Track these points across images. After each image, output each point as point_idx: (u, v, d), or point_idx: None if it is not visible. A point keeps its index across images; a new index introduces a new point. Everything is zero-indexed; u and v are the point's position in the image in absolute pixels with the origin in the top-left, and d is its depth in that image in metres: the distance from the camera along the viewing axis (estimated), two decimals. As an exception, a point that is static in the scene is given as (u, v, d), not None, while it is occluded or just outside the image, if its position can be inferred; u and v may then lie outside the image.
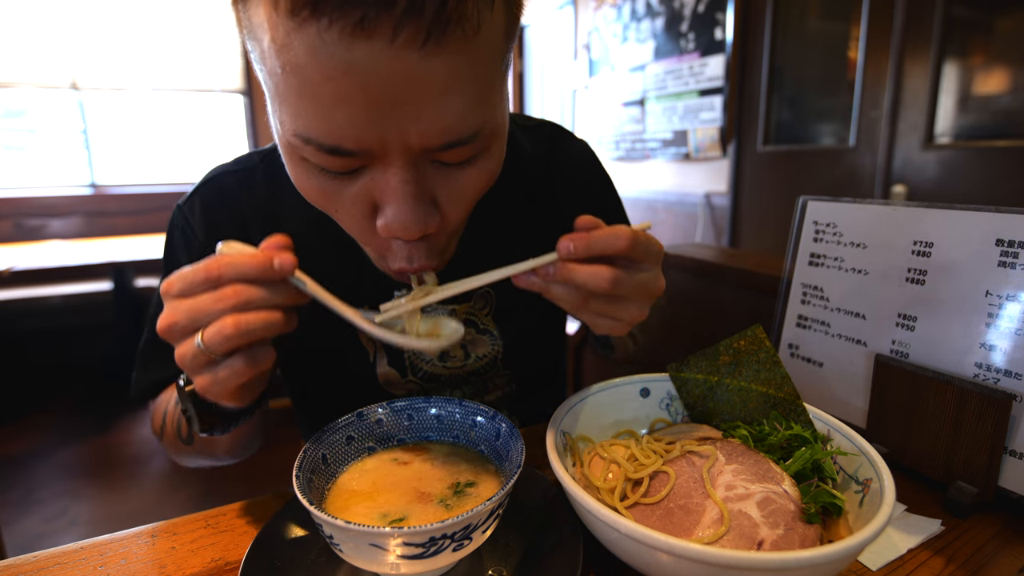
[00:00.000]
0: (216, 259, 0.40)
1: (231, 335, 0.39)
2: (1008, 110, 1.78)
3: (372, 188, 0.45)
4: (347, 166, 0.44)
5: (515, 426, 0.49)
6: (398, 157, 0.43)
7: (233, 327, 0.39)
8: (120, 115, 4.15)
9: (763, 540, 0.41)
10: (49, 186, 3.97)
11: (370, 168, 0.44)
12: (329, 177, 0.45)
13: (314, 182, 0.46)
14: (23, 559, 0.49)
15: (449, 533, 0.38)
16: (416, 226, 0.45)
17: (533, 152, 0.77)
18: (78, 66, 3.93)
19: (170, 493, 2.29)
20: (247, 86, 4.37)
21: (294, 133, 0.42)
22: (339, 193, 0.46)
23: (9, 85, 3.80)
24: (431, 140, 0.42)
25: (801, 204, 0.76)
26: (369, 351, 0.70)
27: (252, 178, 0.69)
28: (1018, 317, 0.55)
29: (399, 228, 0.45)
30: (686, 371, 0.60)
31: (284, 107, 0.42)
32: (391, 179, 0.44)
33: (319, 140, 0.41)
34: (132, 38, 4.03)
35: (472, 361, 0.73)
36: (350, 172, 0.45)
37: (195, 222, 0.67)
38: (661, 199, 3.17)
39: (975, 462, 0.56)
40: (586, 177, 0.81)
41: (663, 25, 2.94)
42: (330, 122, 0.40)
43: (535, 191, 0.76)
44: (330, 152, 0.42)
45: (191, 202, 0.69)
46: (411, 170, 0.44)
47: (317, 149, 0.42)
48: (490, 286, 0.70)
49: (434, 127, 0.41)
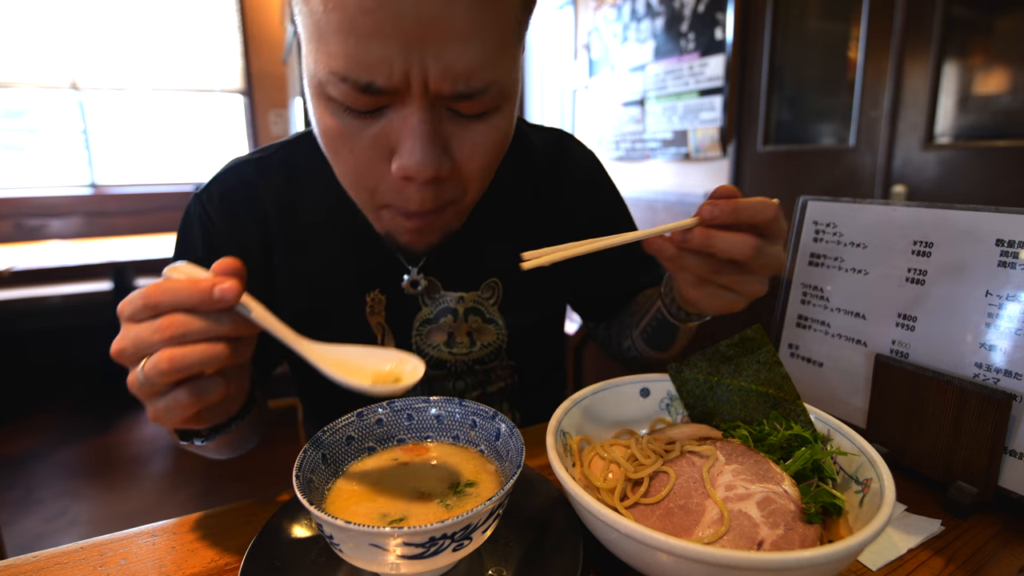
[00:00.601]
0: (157, 285, 0.39)
1: (166, 370, 0.38)
2: (1008, 110, 1.78)
3: (390, 129, 0.48)
4: (372, 104, 0.47)
5: (515, 426, 0.49)
6: (417, 97, 0.46)
7: (167, 362, 0.38)
8: (120, 115, 4.16)
9: (763, 540, 0.41)
10: (49, 186, 3.97)
11: (390, 109, 0.48)
12: (352, 117, 0.48)
13: (337, 121, 0.49)
14: (23, 559, 0.49)
15: (449, 533, 0.38)
16: (429, 165, 0.48)
17: (541, 149, 0.79)
18: (78, 66, 3.93)
19: (170, 493, 2.29)
20: (247, 86, 4.37)
21: (329, 71, 0.45)
22: (358, 134, 0.49)
23: (9, 85, 3.80)
24: (448, 82, 0.45)
25: (801, 204, 0.76)
26: (377, 335, 0.72)
27: (270, 164, 0.71)
28: (1018, 317, 0.55)
29: (413, 167, 0.48)
30: (686, 371, 0.60)
31: (321, 46, 0.45)
32: (409, 118, 0.47)
33: (353, 76, 0.44)
34: (132, 38, 4.04)
35: (477, 349, 0.74)
36: (372, 112, 0.48)
37: (212, 210, 0.68)
38: (661, 199, 3.17)
39: (975, 462, 0.56)
40: (594, 183, 0.83)
41: (663, 25, 2.94)
42: (364, 56, 0.43)
43: (542, 188, 0.78)
44: (361, 89, 0.45)
45: (209, 190, 0.70)
46: (428, 112, 0.47)
47: (349, 86, 0.45)
48: (498, 277, 0.74)
49: (452, 69, 0.44)
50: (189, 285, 0.39)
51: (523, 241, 0.71)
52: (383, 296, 0.70)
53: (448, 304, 0.73)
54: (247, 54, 4.32)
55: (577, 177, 0.81)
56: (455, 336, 0.73)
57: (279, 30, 4.32)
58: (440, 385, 0.76)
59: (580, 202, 0.81)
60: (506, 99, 0.51)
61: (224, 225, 0.68)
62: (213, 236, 0.68)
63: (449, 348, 0.73)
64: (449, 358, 0.74)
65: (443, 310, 0.73)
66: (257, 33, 4.32)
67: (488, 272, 0.74)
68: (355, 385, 0.41)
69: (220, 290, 0.38)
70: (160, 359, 0.38)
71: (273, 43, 4.37)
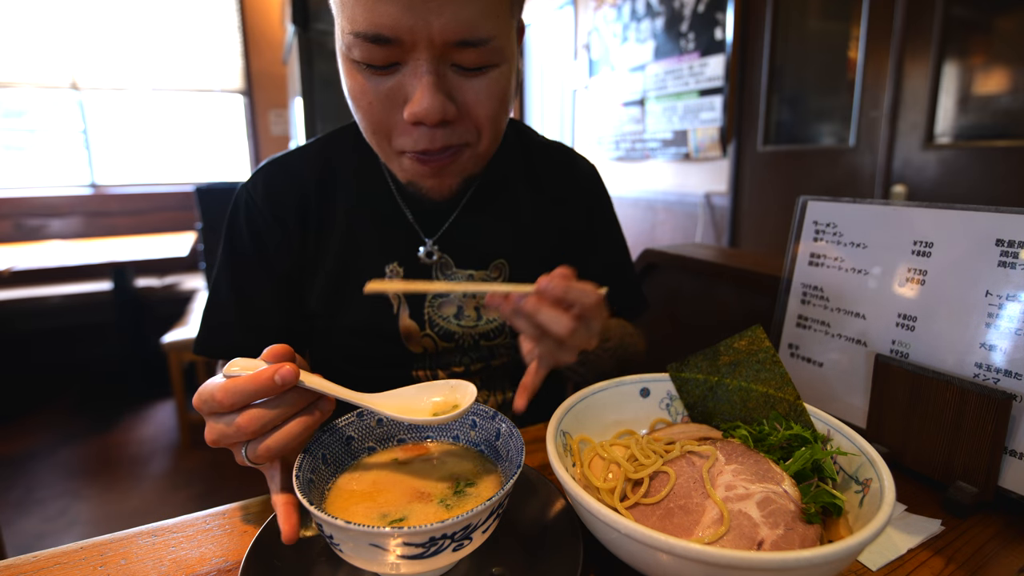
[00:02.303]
0: (223, 387, 0.43)
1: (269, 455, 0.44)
2: (1008, 110, 1.78)
3: (403, 83, 0.59)
4: (385, 59, 0.57)
5: (515, 426, 0.49)
6: (423, 52, 0.56)
7: (265, 452, 0.44)
8: (120, 115, 4.15)
9: (763, 540, 0.41)
10: (49, 186, 3.97)
11: (402, 66, 0.58)
12: (371, 73, 0.59)
13: (359, 79, 0.60)
14: (23, 559, 0.49)
15: (449, 533, 0.38)
16: (435, 109, 0.57)
17: (548, 152, 0.88)
18: (78, 66, 3.93)
19: (170, 493, 2.29)
20: (247, 86, 4.37)
21: (349, 32, 0.56)
22: (376, 88, 0.59)
23: (9, 85, 3.80)
24: (449, 34, 0.55)
25: (801, 204, 0.76)
26: (394, 304, 0.78)
27: (310, 152, 0.81)
28: (1018, 317, 0.55)
29: (422, 111, 0.57)
30: (686, 371, 0.60)
31: (344, 12, 0.56)
32: (417, 70, 0.57)
33: (365, 31, 0.55)
34: (132, 38, 4.04)
35: (483, 323, 0.80)
36: (387, 68, 0.58)
37: (257, 195, 0.76)
38: (661, 199, 3.17)
39: (975, 462, 0.56)
40: (594, 193, 0.90)
41: (663, 25, 2.94)
42: (374, 13, 0.54)
43: (545, 183, 0.86)
44: (372, 40, 0.55)
45: (253, 179, 0.78)
46: (433, 65, 0.57)
47: (364, 40, 0.55)
48: (504, 259, 0.82)
49: (452, 22, 0.54)
50: (253, 379, 0.43)
51: (527, 228, 0.83)
52: (401, 268, 0.77)
53: (459, 280, 0.79)
54: (247, 54, 4.32)
55: (580, 183, 0.89)
56: (464, 310, 0.79)
57: (279, 30, 4.32)
58: (448, 359, 0.81)
59: (579, 205, 0.87)
60: (503, 59, 0.60)
61: (265, 205, 0.76)
62: (256, 220, 0.76)
63: (458, 320, 0.79)
64: (457, 330, 0.79)
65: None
66: (257, 33, 4.32)
67: (496, 253, 0.81)
68: (421, 421, 0.46)
69: (281, 376, 0.42)
70: (259, 450, 0.44)
71: (273, 43, 4.37)
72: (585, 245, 0.88)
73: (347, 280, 0.77)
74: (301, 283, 0.78)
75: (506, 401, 0.86)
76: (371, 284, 0.52)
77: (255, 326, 0.75)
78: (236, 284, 0.75)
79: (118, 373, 3.35)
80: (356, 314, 0.77)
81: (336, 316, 0.78)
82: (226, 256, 0.76)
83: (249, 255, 0.75)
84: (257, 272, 0.76)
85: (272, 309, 0.76)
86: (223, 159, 4.48)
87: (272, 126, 4.47)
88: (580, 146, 3.67)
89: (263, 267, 0.76)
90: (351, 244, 0.77)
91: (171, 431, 2.79)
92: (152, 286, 3.48)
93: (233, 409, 0.43)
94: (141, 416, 2.95)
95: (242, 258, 0.76)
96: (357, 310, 0.77)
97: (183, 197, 4.08)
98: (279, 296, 0.77)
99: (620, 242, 0.93)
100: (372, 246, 0.77)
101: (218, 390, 0.43)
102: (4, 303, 3.33)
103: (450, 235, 0.79)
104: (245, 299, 0.75)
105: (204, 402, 0.44)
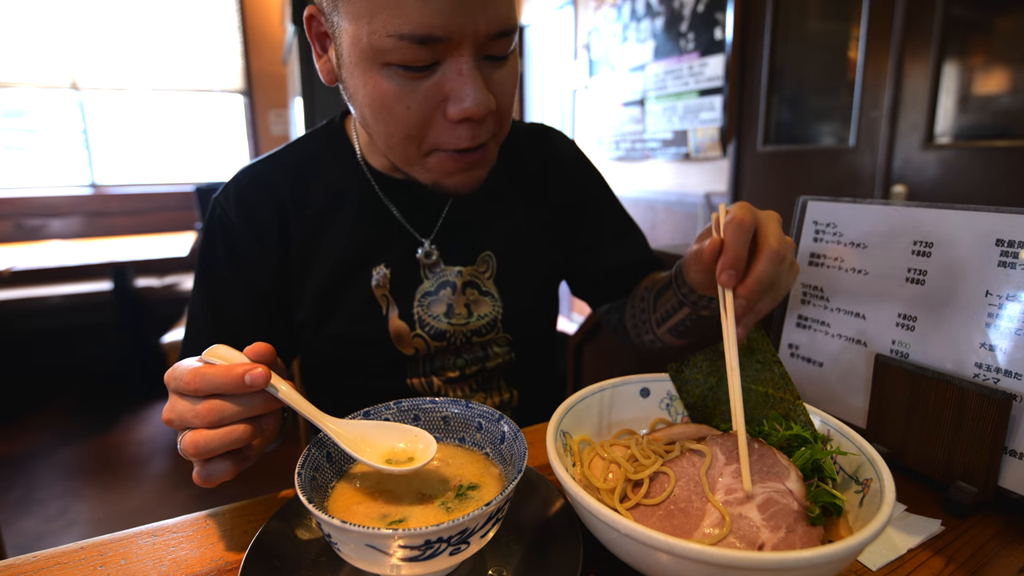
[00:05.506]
0: (197, 370, 0.43)
1: (200, 451, 0.43)
2: (1008, 110, 1.78)
3: (444, 81, 0.57)
4: (429, 58, 0.55)
5: (519, 429, 0.49)
6: (468, 47, 0.55)
7: (192, 447, 0.43)
8: (120, 115, 4.15)
9: (764, 543, 0.41)
10: (49, 186, 3.97)
11: (442, 64, 0.57)
12: (408, 77, 0.57)
13: (392, 84, 0.57)
14: (23, 559, 0.49)
15: (445, 536, 0.38)
16: (485, 103, 0.57)
17: (525, 139, 0.88)
18: (78, 66, 3.93)
19: (170, 493, 2.29)
20: (247, 86, 4.37)
21: (387, 35, 0.53)
22: (413, 91, 0.57)
23: (9, 85, 3.80)
24: (493, 26, 0.55)
25: (801, 204, 0.76)
26: (382, 306, 0.77)
27: (281, 160, 0.79)
28: (1018, 317, 0.55)
29: (472, 108, 0.57)
30: (686, 371, 0.60)
31: (380, 14, 0.53)
32: (463, 66, 0.56)
33: (413, 32, 0.53)
34: (132, 38, 4.04)
35: (474, 320, 0.79)
36: (426, 68, 0.56)
37: (229, 209, 0.74)
38: (661, 199, 3.17)
39: (975, 462, 0.56)
40: (576, 168, 0.91)
41: (663, 25, 2.94)
42: (423, 14, 0.52)
43: (529, 171, 0.86)
44: (421, 41, 0.53)
45: (225, 191, 0.76)
46: (476, 59, 0.57)
47: (410, 42, 0.53)
48: (490, 249, 0.81)
49: (494, 15, 0.55)
50: (224, 372, 0.43)
51: (512, 218, 0.82)
52: (387, 270, 0.76)
53: (448, 278, 0.78)
54: (247, 54, 4.32)
55: (560, 163, 0.89)
56: (454, 307, 0.78)
57: (279, 30, 4.32)
58: (441, 360, 0.80)
59: (564, 177, 0.88)
60: (515, 45, 0.61)
61: (241, 221, 0.74)
62: (232, 234, 0.74)
63: (448, 318, 0.78)
64: (448, 328, 0.78)
65: (443, 283, 0.78)
66: (257, 33, 4.32)
67: (484, 246, 0.80)
68: (370, 464, 0.45)
69: (251, 376, 0.43)
70: (195, 439, 0.43)
71: (273, 43, 4.37)
72: (582, 215, 0.88)
73: (335, 286, 0.76)
74: (287, 295, 0.77)
75: (503, 402, 0.86)
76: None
77: (232, 337, 0.73)
78: (211, 297, 0.74)
79: (118, 373, 3.34)
80: (345, 319, 0.76)
81: (326, 322, 0.77)
82: (201, 271, 0.75)
83: (223, 269, 0.74)
84: (233, 285, 0.74)
85: (248, 320, 0.75)
86: (223, 159, 4.48)
87: (272, 126, 4.47)
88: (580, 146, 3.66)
89: (239, 280, 0.74)
90: (336, 248, 0.75)
91: (171, 431, 2.79)
92: (152, 286, 3.48)
93: (198, 395, 0.43)
94: (141, 416, 2.95)
95: (217, 273, 0.74)
96: (346, 314, 0.76)
97: (183, 197, 4.08)
98: (257, 308, 0.75)
99: (622, 211, 0.93)
100: (359, 248, 0.76)
101: (188, 372, 0.43)
102: (4, 303, 3.33)
103: (444, 232, 0.79)
104: (221, 313, 0.74)
105: (174, 379, 0.45)
